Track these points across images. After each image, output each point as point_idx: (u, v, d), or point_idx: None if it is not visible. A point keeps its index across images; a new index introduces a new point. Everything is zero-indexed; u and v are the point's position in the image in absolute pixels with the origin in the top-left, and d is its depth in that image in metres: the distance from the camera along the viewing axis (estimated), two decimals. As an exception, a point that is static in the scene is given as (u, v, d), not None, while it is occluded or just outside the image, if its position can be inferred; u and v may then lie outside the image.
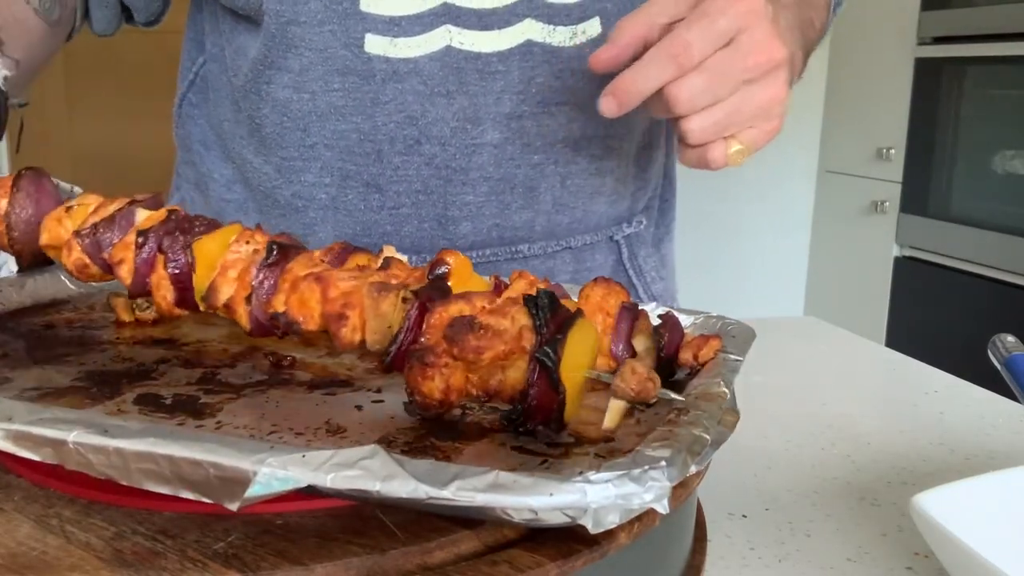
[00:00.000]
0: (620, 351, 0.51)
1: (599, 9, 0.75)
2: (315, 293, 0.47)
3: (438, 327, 0.44)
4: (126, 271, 0.53)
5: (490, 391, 0.43)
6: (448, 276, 0.55)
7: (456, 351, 0.42)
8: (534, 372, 0.41)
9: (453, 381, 0.43)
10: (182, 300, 0.53)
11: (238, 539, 0.35)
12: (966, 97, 2.44)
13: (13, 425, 0.36)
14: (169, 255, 0.52)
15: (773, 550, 0.50)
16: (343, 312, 0.46)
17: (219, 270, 0.51)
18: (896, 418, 0.72)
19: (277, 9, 0.74)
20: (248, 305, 0.50)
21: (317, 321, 0.47)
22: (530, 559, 0.34)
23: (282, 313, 0.48)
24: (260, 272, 0.50)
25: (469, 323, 0.43)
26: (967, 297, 2.41)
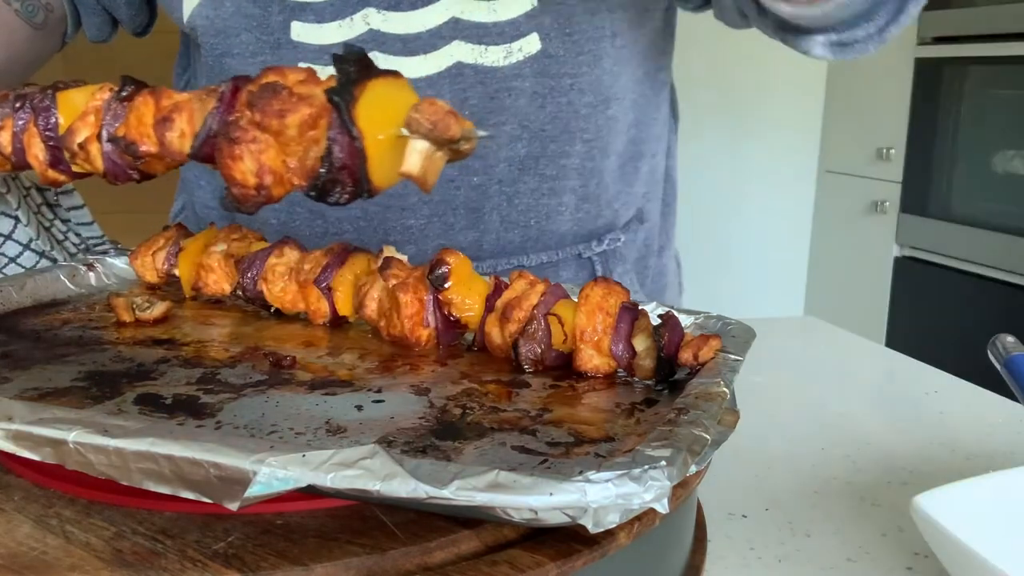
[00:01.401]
0: (620, 351, 0.51)
1: (536, 25, 0.73)
2: (150, 107, 0.46)
3: (245, 102, 0.40)
4: (5, 139, 0.53)
5: (308, 173, 0.40)
6: (448, 276, 0.55)
7: (259, 118, 0.39)
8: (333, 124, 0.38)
9: (266, 159, 0.39)
10: (55, 160, 0.52)
11: (238, 539, 0.35)
12: (966, 97, 2.44)
13: (13, 425, 0.36)
14: (39, 112, 0.52)
15: (773, 550, 0.50)
16: (169, 116, 0.44)
17: (78, 116, 0.51)
18: (896, 418, 0.72)
19: (211, 42, 0.74)
20: (99, 143, 0.49)
21: (151, 136, 0.45)
22: (530, 559, 0.34)
23: (121, 136, 0.46)
24: (111, 106, 0.49)
25: (273, 87, 0.39)
26: (967, 297, 2.41)
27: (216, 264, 0.63)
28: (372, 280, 0.58)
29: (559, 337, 0.52)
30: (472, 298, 0.55)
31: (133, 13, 0.89)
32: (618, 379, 0.52)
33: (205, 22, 0.74)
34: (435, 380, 0.50)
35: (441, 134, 0.38)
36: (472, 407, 0.46)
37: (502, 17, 0.72)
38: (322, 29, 0.73)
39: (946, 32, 2.44)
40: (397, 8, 0.73)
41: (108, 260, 0.70)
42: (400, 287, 0.55)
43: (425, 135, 0.39)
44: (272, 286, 0.61)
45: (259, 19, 0.73)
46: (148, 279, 0.67)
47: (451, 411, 0.46)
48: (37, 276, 0.65)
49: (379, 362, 0.53)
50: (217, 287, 0.63)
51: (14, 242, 0.74)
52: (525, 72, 0.73)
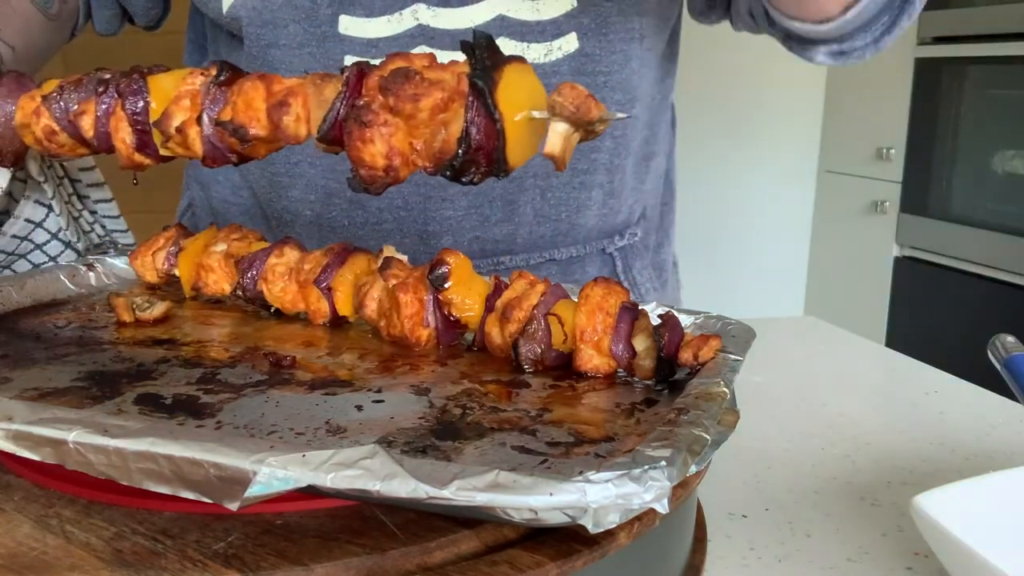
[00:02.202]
0: (620, 351, 0.51)
1: (576, 25, 0.75)
2: (259, 91, 0.46)
3: (376, 87, 0.41)
4: (88, 123, 0.53)
5: (436, 155, 0.41)
6: (448, 276, 0.55)
7: (392, 102, 0.40)
8: (471, 107, 0.38)
9: (395, 142, 0.40)
10: (141, 143, 0.52)
11: (238, 539, 0.35)
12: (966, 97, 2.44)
13: (13, 425, 0.36)
14: (127, 96, 0.51)
15: (773, 550, 0.50)
16: (285, 100, 0.44)
17: (172, 100, 0.50)
18: (896, 418, 0.72)
19: (257, 32, 0.75)
20: (199, 126, 0.49)
21: (264, 122, 0.46)
22: (530, 559, 0.34)
23: (228, 120, 0.46)
24: (210, 90, 0.49)
25: (405, 72, 0.40)
26: (967, 297, 2.41)
27: (216, 264, 0.63)
28: (372, 280, 0.58)
29: (559, 337, 0.52)
30: (472, 298, 0.55)
31: (149, 6, 0.89)
32: (618, 379, 0.52)
33: (251, 13, 0.75)
34: (435, 380, 0.50)
35: (583, 116, 0.40)
36: (472, 407, 0.46)
37: (544, 16, 0.75)
38: (370, 23, 0.74)
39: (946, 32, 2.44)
40: (447, 4, 0.74)
41: (108, 260, 0.70)
42: (400, 287, 0.55)
43: (567, 117, 0.40)
44: (272, 286, 0.61)
45: (308, 11, 0.74)
46: (148, 279, 0.67)
47: (451, 411, 0.46)
48: (37, 276, 0.65)
49: (379, 362, 0.53)
50: (217, 287, 0.63)
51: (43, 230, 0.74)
52: (563, 69, 0.76)
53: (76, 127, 0.54)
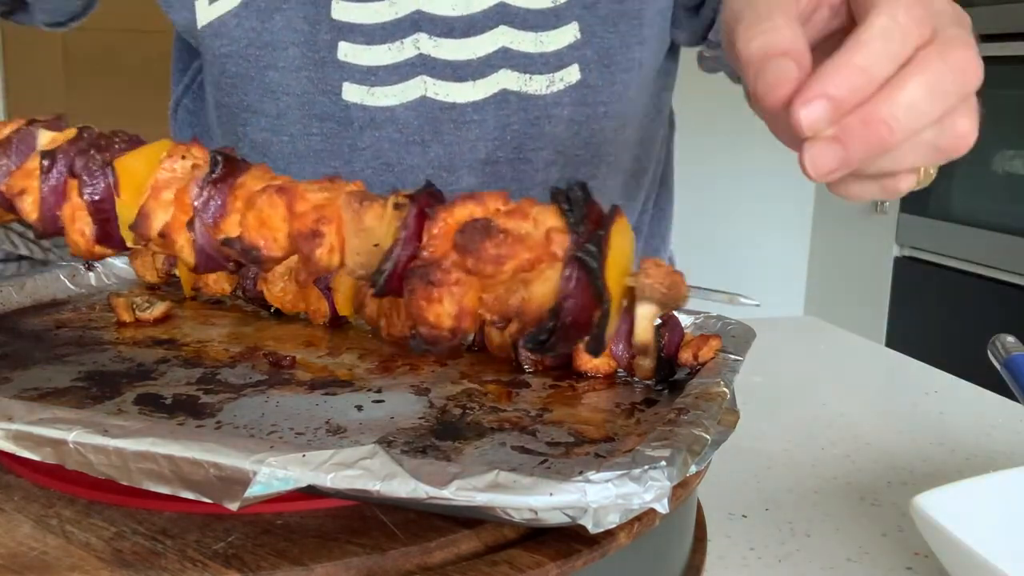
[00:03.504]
0: (620, 351, 0.51)
1: (579, 56, 0.76)
2: (278, 209, 0.38)
3: (444, 236, 0.35)
4: (30, 203, 0.43)
5: (509, 313, 0.35)
6: (448, 276, 0.55)
7: (471, 263, 0.34)
8: (570, 279, 0.33)
9: (466, 303, 0.35)
10: (104, 235, 0.42)
11: (238, 539, 0.35)
12: (966, 97, 2.44)
13: (13, 425, 0.36)
14: (84, 178, 0.42)
15: (773, 550, 0.50)
16: (317, 228, 0.38)
17: (149, 192, 0.41)
18: (896, 418, 0.72)
19: (256, 54, 0.74)
20: (190, 232, 0.40)
21: (283, 244, 0.39)
22: (530, 559, 0.34)
23: (236, 238, 0.39)
24: (203, 190, 0.40)
25: (485, 227, 0.34)
26: (967, 297, 2.41)
27: (216, 264, 0.63)
28: (372, 280, 0.58)
29: (559, 337, 0.52)
30: (472, 298, 0.55)
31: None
32: (618, 379, 0.52)
33: (250, 34, 0.74)
34: (435, 380, 0.50)
35: (672, 300, 0.36)
36: (472, 407, 0.46)
37: (548, 48, 0.75)
38: (370, 51, 0.74)
39: (946, 32, 2.44)
40: (449, 35, 0.74)
41: (108, 260, 0.70)
42: (400, 287, 0.55)
43: (657, 301, 0.36)
44: (272, 286, 0.61)
45: (307, 35, 0.74)
46: (148, 279, 0.67)
47: (451, 411, 0.46)
48: (37, 276, 0.65)
49: (379, 362, 0.53)
50: (217, 287, 0.63)
51: None
52: (564, 100, 0.76)
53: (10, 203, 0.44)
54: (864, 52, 0.39)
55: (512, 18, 0.74)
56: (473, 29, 0.74)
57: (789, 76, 0.40)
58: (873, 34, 0.39)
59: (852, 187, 0.45)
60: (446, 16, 0.74)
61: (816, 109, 0.39)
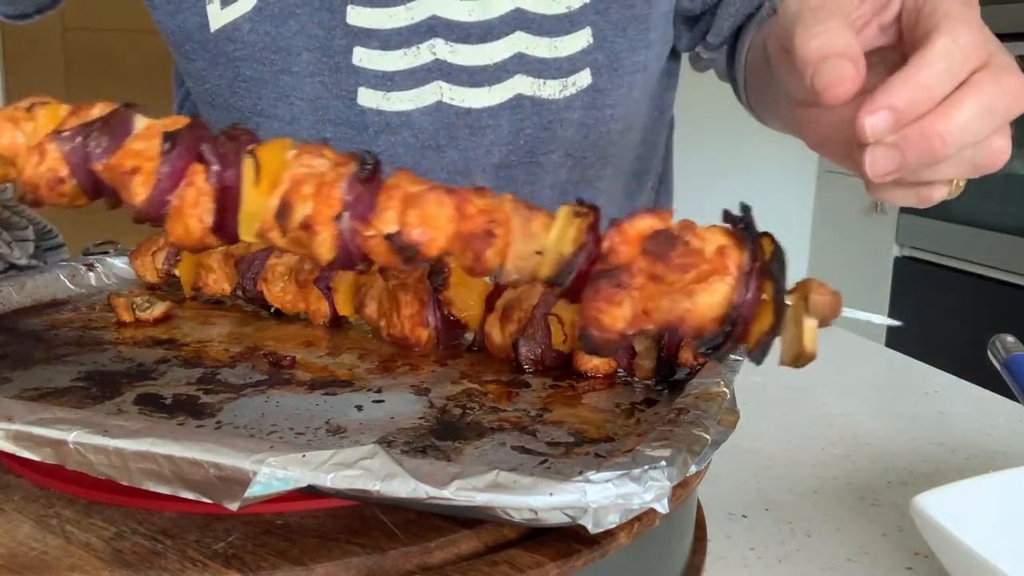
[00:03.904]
0: (620, 351, 0.51)
1: (590, 61, 0.76)
2: (446, 209, 0.40)
3: (629, 244, 0.37)
4: (141, 183, 0.41)
5: (670, 323, 0.37)
6: (448, 276, 0.55)
7: (660, 269, 0.36)
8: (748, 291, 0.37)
9: (639, 309, 0.37)
10: (220, 224, 0.42)
11: (238, 539, 0.35)
12: (966, 97, 2.44)
13: (13, 425, 0.36)
14: (214, 164, 0.41)
15: (773, 550, 0.50)
16: (490, 230, 0.39)
17: (289, 185, 0.41)
18: (896, 418, 0.72)
19: (270, 58, 0.74)
20: (336, 227, 0.41)
21: (442, 243, 0.40)
22: (530, 559, 0.34)
23: (396, 233, 0.39)
24: (352, 186, 0.40)
25: (672, 237, 0.37)
26: (967, 297, 2.41)
27: (216, 264, 0.63)
28: (372, 280, 0.58)
29: (559, 337, 0.52)
30: (472, 298, 0.55)
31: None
32: (618, 379, 0.52)
33: (264, 38, 0.74)
34: (435, 380, 0.50)
35: (832, 317, 0.38)
36: (472, 407, 0.46)
37: (562, 53, 0.76)
38: (385, 56, 0.74)
39: (946, 32, 2.44)
40: (466, 41, 0.75)
41: (108, 260, 0.70)
42: (400, 287, 0.55)
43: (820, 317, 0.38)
44: (272, 286, 0.61)
45: (322, 40, 0.74)
46: (148, 279, 0.67)
47: (451, 411, 0.46)
48: (37, 276, 0.65)
49: (379, 362, 0.53)
50: (217, 287, 0.63)
51: None
52: (575, 104, 0.77)
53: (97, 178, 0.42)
54: (928, 71, 0.43)
55: (528, 24, 0.75)
56: (489, 35, 0.75)
57: (846, 75, 0.43)
58: (936, 55, 0.43)
59: (892, 192, 0.48)
60: (462, 22, 0.74)
61: (881, 119, 0.42)
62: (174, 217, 0.41)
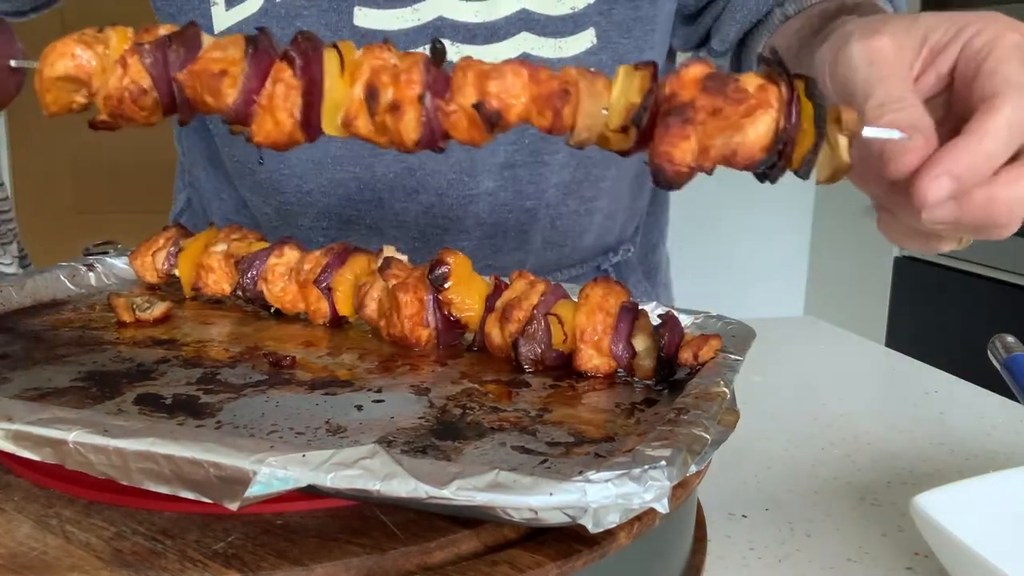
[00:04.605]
0: (620, 351, 0.51)
1: (594, 62, 0.76)
2: (521, 77, 0.44)
3: (686, 87, 0.42)
4: (228, 85, 0.45)
5: (725, 155, 0.42)
6: (448, 276, 0.55)
7: (719, 102, 0.41)
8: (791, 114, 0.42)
9: (704, 142, 0.42)
10: (306, 120, 0.46)
11: (238, 539, 0.35)
12: (966, 97, 2.44)
13: (13, 425, 0.36)
14: (298, 60, 0.45)
15: (773, 550, 0.50)
16: (565, 88, 0.44)
17: (369, 74, 0.45)
18: (896, 418, 0.72)
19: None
20: (421, 106, 0.44)
21: (521, 109, 0.45)
22: (530, 559, 0.34)
23: (482, 102, 0.44)
24: (428, 70, 0.45)
25: (725, 76, 0.42)
26: (967, 297, 2.41)
27: (216, 264, 0.63)
28: (372, 280, 0.58)
29: (559, 337, 0.52)
30: (472, 298, 0.55)
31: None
32: (618, 379, 0.52)
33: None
34: (435, 380, 0.50)
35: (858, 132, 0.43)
36: (472, 407, 0.46)
37: (566, 54, 0.75)
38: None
39: (946, 32, 2.44)
40: (472, 42, 0.74)
41: (108, 260, 0.70)
42: (400, 287, 0.56)
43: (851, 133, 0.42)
44: (272, 286, 0.61)
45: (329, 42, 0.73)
46: (148, 279, 0.67)
47: (451, 411, 0.46)
48: (37, 276, 0.65)
49: (379, 362, 0.53)
50: (217, 287, 0.63)
51: None
52: None
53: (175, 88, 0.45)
54: (991, 140, 0.43)
55: (533, 25, 0.75)
56: (495, 36, 0.74)
57: (916, 147, 0.43)
58: (1000, 124, 0.43)
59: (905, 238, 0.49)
60: (468, 23, 0.74)
61: (943, 185, 0.43)
62: (262, 115, 0.45)
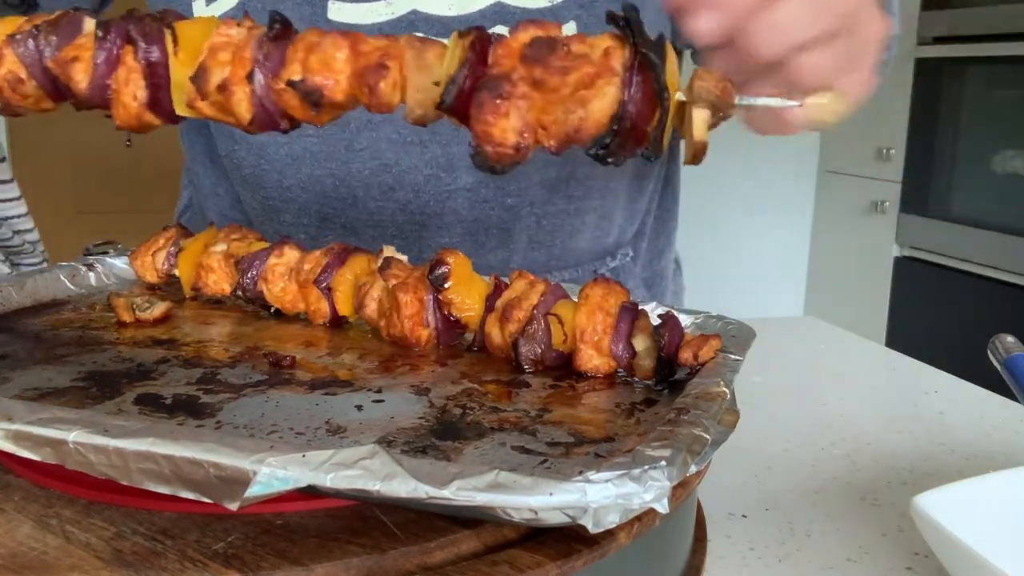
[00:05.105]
0: (620, 351, 0.51)
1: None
2: (342, 51, 0.41)
3: (510, 56, 0.38)
4: (81, 71, 0.44)
5: (568, 133, 0.38)
6: (448, 276, 0.55)
7: (539, 73, 0.37)
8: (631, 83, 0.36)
9: (530, 118, 0.37)
10: (154, 101, 0.44)
11: (238, 539, 0.35)
12: (966, 97, 2.44)
13: (13, 425, 0.36)
14: (140, 42, 0.43)
15: (773, 550, 0.50)
16: (382, 63, 0.40)
17: (207, 53, 0.43)
18: (896, 418, 0.72)
19: None
20: (249, 85, 0.42)
21: (344, 86, 0.41)
22: (530, 559, 0.34)
23: (300, 80, 0.41)
24: (262, 46, 0.42)
25: (551, 42, 0.37)
26: (967, 297, 2.41)
27: (216, 264, 0.63)
28: (372, 280, 0.58)
29: (559, 337, 0.52)
30: (472, 298, 0.55)
31: None
32: (618, 379, 0.52)
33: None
34: (435, 380, 0.50)
35: (723, 103, 0.38)
36: (472, 407, 0.46)
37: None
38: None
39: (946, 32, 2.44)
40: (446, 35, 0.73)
41: (108, 260, 0.70)
42: (400, 287, 0.56)
43: (710, 103, 0.38)
44: (272, 286, 0.61)
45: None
46: (148, 279, 0.67)
47: (451, 411, 0.46)
48: (37, 276, 0.65)
49: (379, 362, 0.53)
50: (217, 287, 0.63)
51: None
52: None
53: (53, 76, 0.45)
54: None
55: (509, 18, 0.74)
56: None
57: None
58: None
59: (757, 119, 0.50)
60: (443, 16, 0.73)
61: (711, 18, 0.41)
62: (115, 100, 0.44)
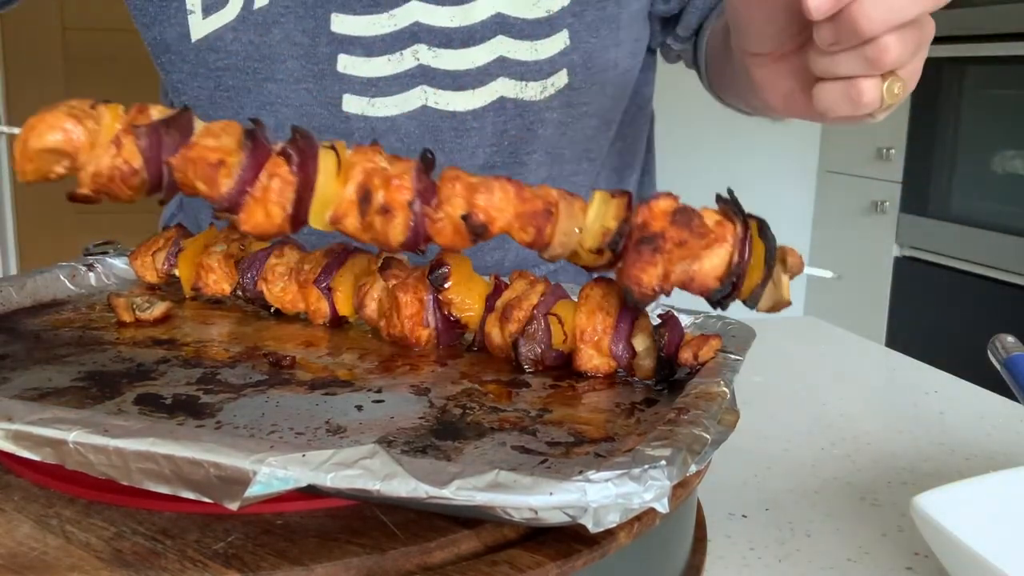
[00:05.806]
0: (620, 351, 0.51)
1: (567, 62, 0.78)
2: (508, 193, 0.48)
3: (659, 217, 0.47)
4: (224, 175, 0.46)
5: (687, 280, 0.47)
6: (448, 276, 0.55)
7: (685, 235, 0.46)
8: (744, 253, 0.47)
9: (667, 268, 0.46)
10: (296, 214, 0.48)
11: (238, 539, 0.35)
12: (966, 97, 2.44)
13: (13, 425, 0.36)
14: (295, 157, 0.47)
15: (773, 550, 0.50)
16: (550, 209, 0.48)
17: (363, 176, 0.48)
18: (896, 418, 0.72)
19: (254, 66, 0.75)
20: (410, 211, 0.47)
21: (503, 223, 0.48)
22: (530, 559, 0.34)
23: (470, 214, 0.48)
24: (420, 177, 0.48)
25: (691, 212, 0.47)
26: (967, 297, 2.41)
27: (216, 264, 0.63)
28: (372, 280, 0.58)
29: (559, 337, 0.52)
30: (472, 298, 0.56)
31: None
32: (618, 379, 0.52)
33: (248, 47, 0.74)
34: (435, 380, 0.50)
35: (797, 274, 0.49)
36: (472, 407, 0.46)
37: (542, 56, 0.77)
38: (370, 63, 0.75)
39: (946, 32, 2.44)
40: (448, 46, 0.75)
41: (108, 260, 0.70)
42: (400, 287, 0.56)
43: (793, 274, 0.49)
44: (272, 286, 0.61)
45: (307, 48, 0.74)
46: (148, 279, 0.67)
47: (451, 411, 0.46)
48: (37, 276, 0.65)
49: (379, 362, 0.53)
50: (217, 287, 0.63)
51: None
52: (554, 104, 0.79)
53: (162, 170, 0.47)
54: None
55: (509, 28, 0.76)
56: (472, 40, 0.75)
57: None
58: None
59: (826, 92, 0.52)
60: (444, 27, 0.75)
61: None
62: (252, 206, 0.47)
